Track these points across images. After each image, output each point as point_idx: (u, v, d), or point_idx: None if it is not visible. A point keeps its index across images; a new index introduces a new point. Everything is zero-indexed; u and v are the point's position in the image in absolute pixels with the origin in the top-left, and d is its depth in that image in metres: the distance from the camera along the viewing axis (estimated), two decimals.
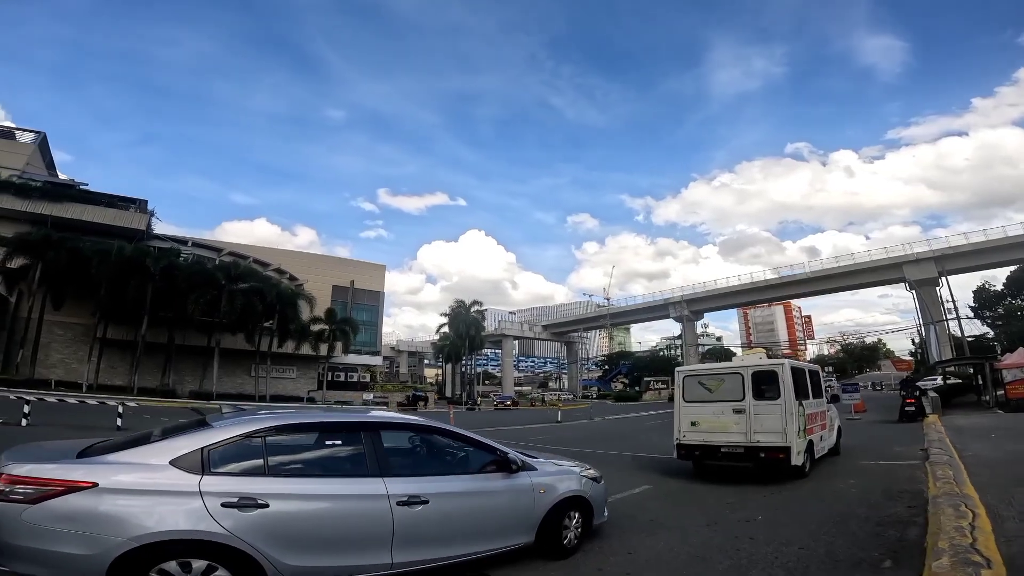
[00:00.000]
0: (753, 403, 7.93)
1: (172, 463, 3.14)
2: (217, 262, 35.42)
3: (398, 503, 3.53)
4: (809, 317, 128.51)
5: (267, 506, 3.15)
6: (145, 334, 30.18)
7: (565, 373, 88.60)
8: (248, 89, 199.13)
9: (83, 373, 29.44)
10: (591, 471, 5.06)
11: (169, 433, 3.56)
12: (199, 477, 3.11)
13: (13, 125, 39.24)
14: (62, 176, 39.45)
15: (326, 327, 38.15)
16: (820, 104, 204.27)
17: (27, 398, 13.33)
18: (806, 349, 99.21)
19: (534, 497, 4.27)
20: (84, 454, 3.36)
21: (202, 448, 3.23)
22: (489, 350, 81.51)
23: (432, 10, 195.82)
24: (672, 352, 77.13)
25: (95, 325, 30.05)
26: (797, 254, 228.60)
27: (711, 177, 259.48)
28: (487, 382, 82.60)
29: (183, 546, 2.96)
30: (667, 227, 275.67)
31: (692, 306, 64.78)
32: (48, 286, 27.87)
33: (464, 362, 57.93)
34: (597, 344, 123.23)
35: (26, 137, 37.00)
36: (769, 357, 10.13)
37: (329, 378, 44.32)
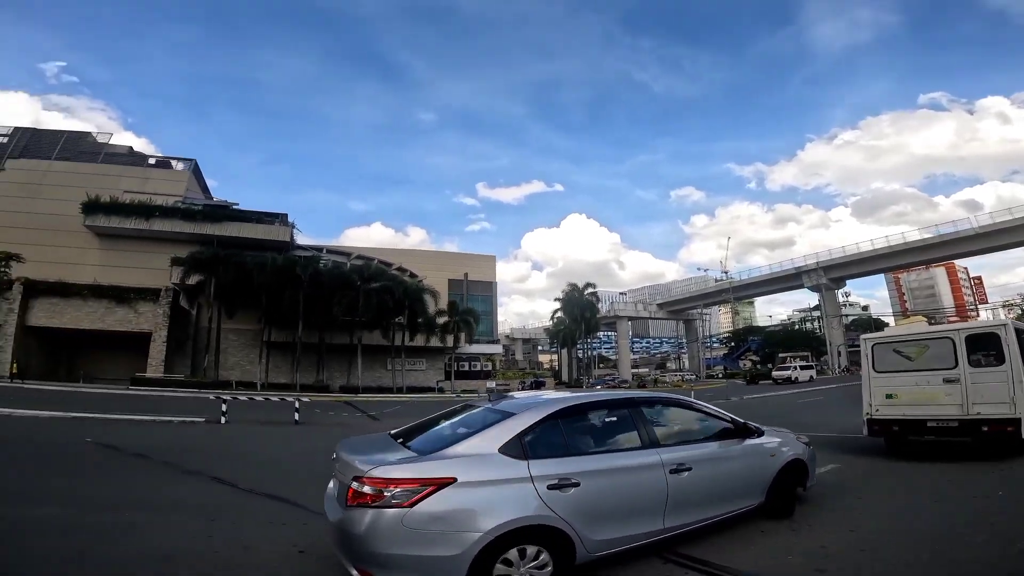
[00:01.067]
0: (969, 370, 6.93)
1: (500, 451, 3.22)
2: (348, 266, 38.19)
3: (670, 471, 3.71)
4: (979, 279, 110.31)
5: (579, 485, 3.25)
6: (301, 336, 33.38)
7: (684, 353, 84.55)
8: (347, 103, 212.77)
9: (255, 373, 33.30)
10: (803, 436, 5.20)
11: (462, 423, 3.81)
12: (526, 462, 3.21)
13: (158, 154, 44.16)
14: (216, 198, 44.59)
15: (450, 319, 39.70)
16: (951, 52, 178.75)
17: (224, 397, 14.97)
18: (977, 315, 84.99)
19: (766, 460, 4.49)
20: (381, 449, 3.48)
21: (519, 434, 3.32)
22: (602, 333, 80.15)
23: (498, 4, 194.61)
24: (809, 325, 70.19)
25: (261, 330, 33.80)
26: (952, 209, 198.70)
27: (830, 137, 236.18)
28: (601, 365, 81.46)
29: (521, 533, 3.01)
30: (785, 192, 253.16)
31: (830, 273, 58.15)
32: (221, 298, 31.72)
33: (579, 346, 57.45)
34: (717, 321, 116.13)
35: (180, 165, 41.40)
36: (931, 324, 9.17)
37: (455, 368, 46.21)
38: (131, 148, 42.75)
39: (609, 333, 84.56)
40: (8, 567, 3.17)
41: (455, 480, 2.94)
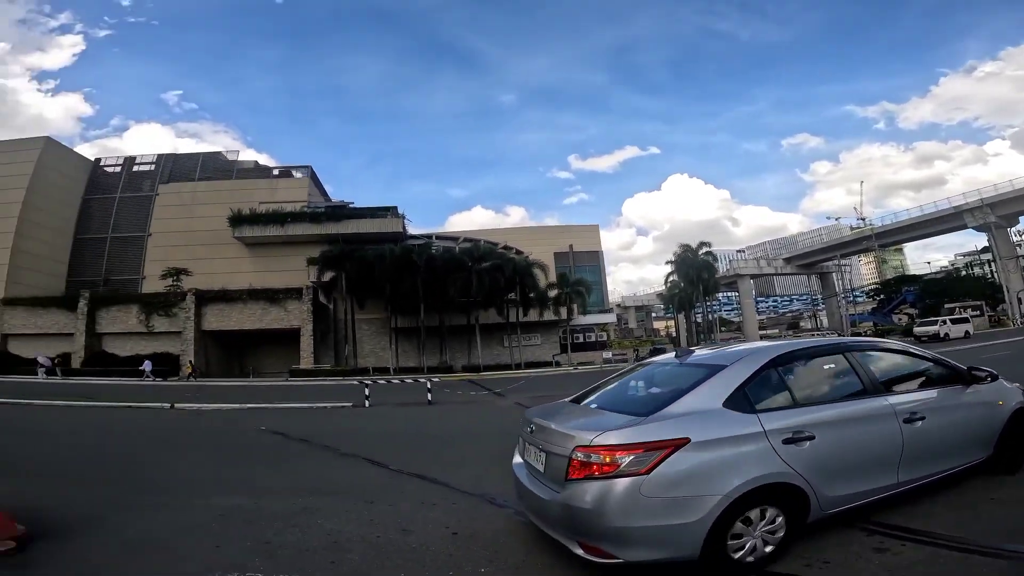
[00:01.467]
0: None
1: (725, 406, 3.03)
2: (458, 249, 39.49)
3: (903, 420, 3.43)
4: None
5: (814, 438, 3.04)
6: (423, 320, 35.33)
7: (821, 310, 76.40)
8: (428, 97, 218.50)
9: (387, 359, 35.96)
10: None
11: (653, 382, 3.74)
12: (755, 416, 3.02)
13: (279, 165, 48.74)
14: (333, 199, 48.53)
15: (560, 291, 39.57)
16: None
17: (366, 382, 16.28)
18: None
19: (994, 409, 4.04)
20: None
21: (739, 387, 3.13)
22: (721, 294, 75.11)
23: None
24: (979, 270, 59.58)
25: (388, 318, 36.32)
26: None
27: (968, 69, 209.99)
28: (723, 328, 76.43)
29: (759, 492, 2.82)
30: (924, 130, 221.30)
31: (999, 210, 48.33)
32: (351, 291, 34.51)
33: (697, 309, 54.38)
34: (858, 272, 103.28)
35: (299, 173, 45.52)
36: None
37: (571, 340, 46.30)
38: (256, 162, 47.60)
39: (729, 294, 79.10)
40: (212, 558, 3.42)
41: (688, 441, 2.78)
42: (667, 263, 53.74)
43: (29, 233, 38.55)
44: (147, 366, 30.76)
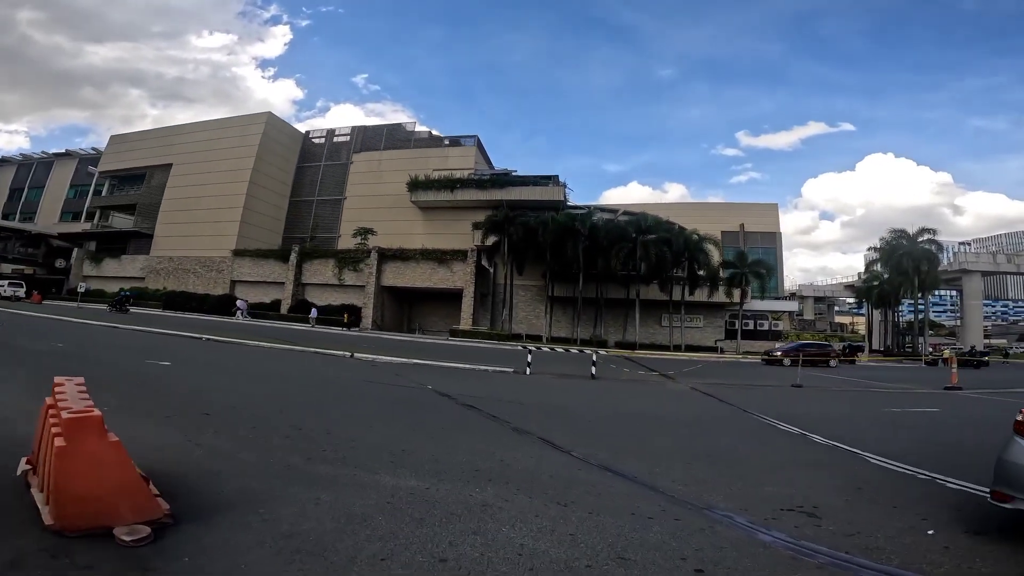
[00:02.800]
0: None
1: None
2: (621, 219, 37.39)
3: None
4: None
5: None
6: (581, 290, 34.42)
7: None
8: (584, 72, 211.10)
9: (540, 327, 36.01)
10: None
11: None
12: None
13: (448, 135, 51.11)
14: (497, 168, 49.61)
15: (738, 270, 35.33)
16: None
17: (531, 349, 15.87)
18: None
19: None
20: None
21: None
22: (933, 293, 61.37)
23: None
24: None
25: (545, 286, 36.18)
26: None
27: None
28: (930, 332, 62.53)
29: None
30: None
31: None
32: (512, 256, 34.92)
33: (903, 306, 44.96)
34: None
35: (466, 142, 47.34)
36: None
37: (734, 327, 41.73)
38: (430, 132, 50.45)
39: (942, 292, 64.40)
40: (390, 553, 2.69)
41: None
42: (870, 249, 45.08)
43: (256, 195, 46.29)
44: (313, 313, 35.85)
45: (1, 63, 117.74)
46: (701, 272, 34.93)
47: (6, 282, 41.50)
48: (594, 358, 14.31)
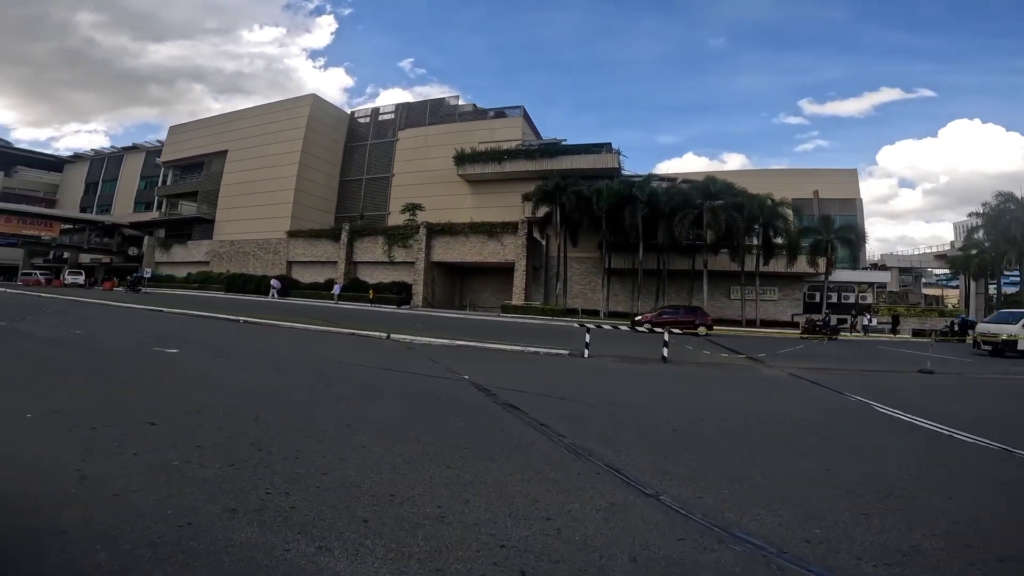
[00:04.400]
0: None
1: None
2: (681, 185, 34.08)
3: None
4: None
5: None
6: (641, 261, 31.77)
7: None
8: (629, 44, 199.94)
9: (597, 301, 33.75)
10: None
11: None
12: None
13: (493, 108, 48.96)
14: (545, 138, 47.27)
15: (822, 238, 31.30)
16: None
17: (588, 326, 13.85)
18: None
19: None
20: None
21: None
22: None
23: None
24: None
25: (601, 257, 33.74)
26: None
27: None
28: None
29: None
30: None
31: None
32: (565, 227, 32.69)
33: (1008, 277, 39.28)
34: None
35: (513, 113, 45.23)
36: None
37: (814, 299, 37.65)
38: (474, 105, 48.70)
39: None
40: None
41: None
42: (971, 215, 39.34)
43: (306, 176, 46.36)
44: (336, 289, 37.13)
45: (71, 65, 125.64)
46: (777, 240, 31.34)
47: (68, 271, 47.49)
48: (666, 337, 12.13)
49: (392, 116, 49.10)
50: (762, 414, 6.52)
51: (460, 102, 48.22)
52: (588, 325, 14.29)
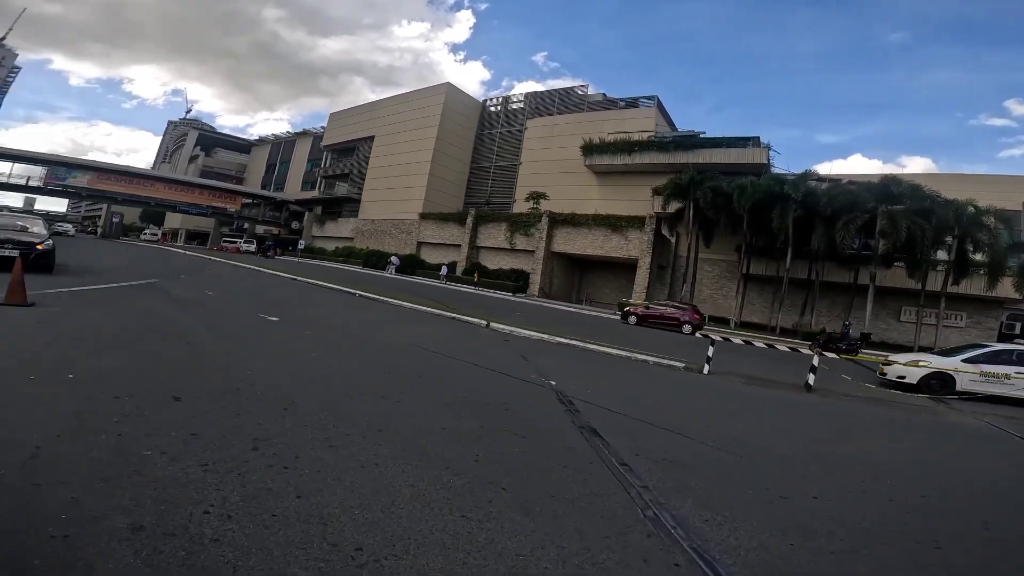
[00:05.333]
0: None
1: None
2: (848, 184, 28.88)
3: None
4: None
5: None
6: (789, 268, 27.72)
7: None
8: (784, 38, 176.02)
9: (728, 308, 30.25)
10: None
11: None
12: None
13: (625, 97, 46.09)
14: (681, 130, 43.64)
15: None
16: None
17: (713, 338, 11.96)
18: None
19: None
20: None
21: None
22: None
23: None
24: None
25: (739, 261, 30.15)
26: None
27: None
28: None
29: None
30: None
31: None
32: (699, 225, 29.70)
33: None
34: None
35: (646, 104, 42.66)
36: None
37: (1013, 331, 29.87)
38: (604, 95, 47.06)
39: None
40: None
41: None
42: None
43: (440, 161, 48.31)
44: (444, 271, 38.25)
45: (262, 58, 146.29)
46: (976, 256, 25.23)
47: (241, 240, 56.19)
48: (815, 361, 9.80)
49: (521, 105, 49.25)
50: (960, 491, 4.49)
51: (589, 92, 46.90)
52: (713, 337, 12.34)
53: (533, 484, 3.25)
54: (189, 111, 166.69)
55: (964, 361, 11.26)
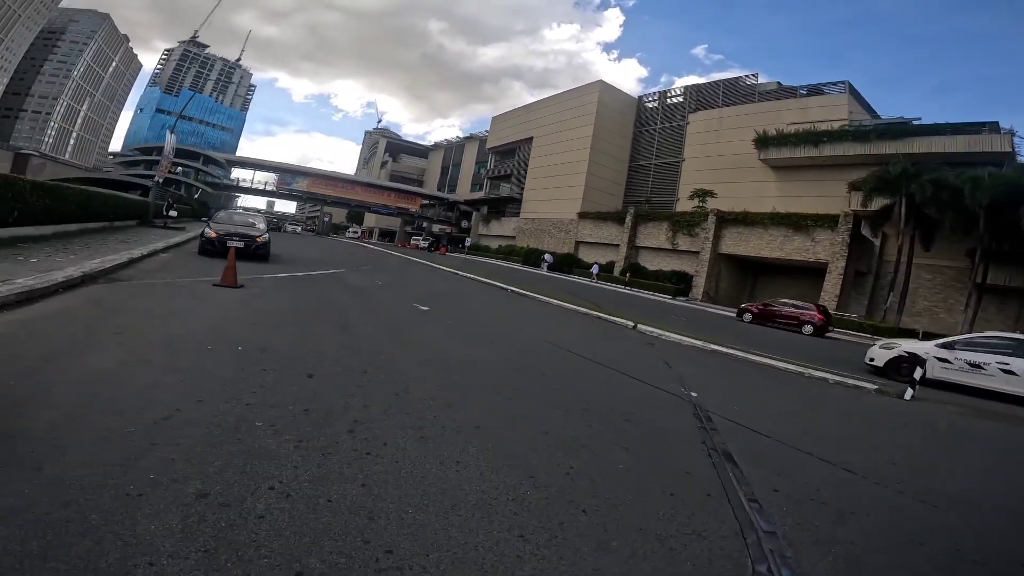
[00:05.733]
0: None
1: None
2: None
3: None
4: None
5: None
6: None
7: None
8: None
9: (951, 325, 24.23)
10: None
11: None
12: None
13: (806, 84, 39.39)
14: (884, 117, 36.24)
15: None
16: None
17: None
18: None
19: None
20: None
21: None
22: None
23: None
24: None
25: (971, 268, 24.01)
26: None
27: None
28: None
29: None
30: None
31: None
32: (915, 224, 24.39)
33: None
34: None
35: (834, 90, 36.65)
36: None
37: None
38: (779, 83, 41.66)
39: None
40: None
41: None
42: None
43: (596, 160, 47.77)
44: (595, 269, 37.66)
45: (431, 68, 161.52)
46: None
47: (421, 238, 61.83)
48: None
49: (680, 99, 46.30)
50: None
51: (760, 80, 41.97)
52: (920, 353, 9.83)
53: (622, 511, 2.71)
54: (380, 121, 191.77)
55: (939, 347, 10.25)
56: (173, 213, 19.06)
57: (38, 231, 10.52)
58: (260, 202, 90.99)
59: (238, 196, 73.55)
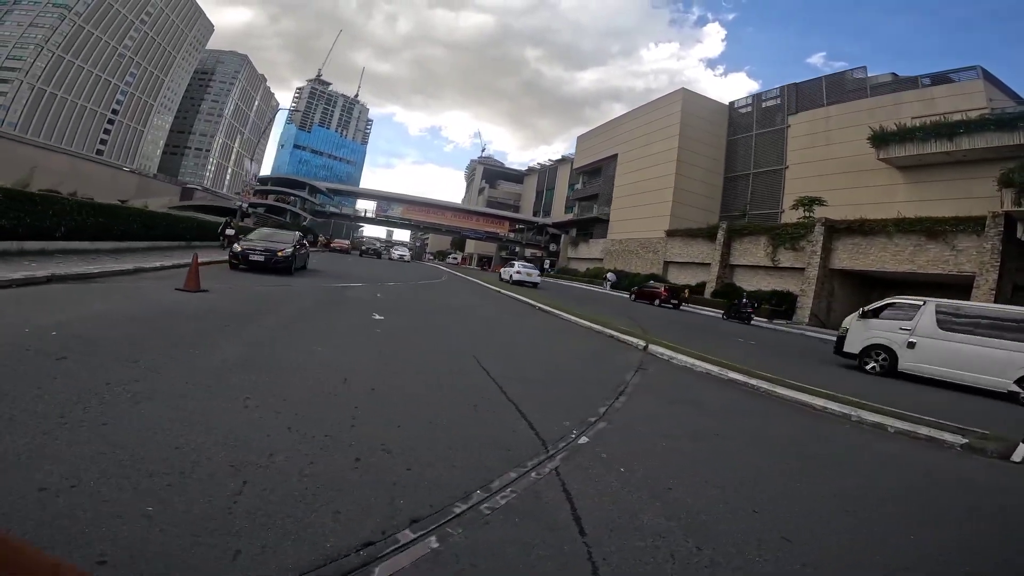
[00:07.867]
0: None
1: None
2: None
3: None
4: None
5: None
6: None
7: None
8: None
9: None
10: None
11: None
12: None
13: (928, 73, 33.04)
14: None
15: None
16: None
17: None
18: None
19: None
20: None
21: None
22: None
23: None
24: None
25: None
26: None
27: None
28: None
29: None
30: None
31: None
32: None
33: None
34: None
35: (964, 76, 31.51)
36: None
37: None
38: (894, 74, 35.92)
39: None
40: None
41: None
42: None
43: (685, 173, 44.86)
44: (611, 277, 40.01)
45: (531, 95, 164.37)
46: None
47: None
48: None
49: (777, 101, 41.92)
50: None
51: (869, 73, 36.82)
52: None
53: None
54: (484, 150, 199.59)
55: None
56: (230, 232, 20.97)
57: (94, 246, 11.66)
58: (380, 231, 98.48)
59: (362, 226, 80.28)
